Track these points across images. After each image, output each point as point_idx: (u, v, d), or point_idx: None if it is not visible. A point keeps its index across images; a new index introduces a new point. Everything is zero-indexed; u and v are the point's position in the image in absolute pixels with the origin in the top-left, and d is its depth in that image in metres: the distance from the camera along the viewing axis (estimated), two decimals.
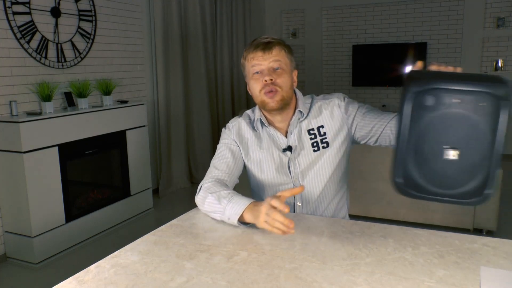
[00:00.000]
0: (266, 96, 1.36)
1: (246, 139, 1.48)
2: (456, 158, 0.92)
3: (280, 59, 1.36)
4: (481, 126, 0.91)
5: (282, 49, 1.38)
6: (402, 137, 0.96)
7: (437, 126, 0.93)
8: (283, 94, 1.36)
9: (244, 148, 1.49)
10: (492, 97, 0.89)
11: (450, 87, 0.91)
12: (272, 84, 1.35)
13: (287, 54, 1.39)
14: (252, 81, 1.39)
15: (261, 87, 1.36)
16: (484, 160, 0.92)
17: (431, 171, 0.95)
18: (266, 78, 1.34)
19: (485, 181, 0.92)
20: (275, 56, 1.35)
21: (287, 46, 1.41)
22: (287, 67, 1.38)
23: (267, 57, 1.35)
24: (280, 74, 1.36)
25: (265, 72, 1.35)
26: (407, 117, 0.95)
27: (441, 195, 0.95)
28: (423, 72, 0.99)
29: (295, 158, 1.43)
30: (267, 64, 1.35)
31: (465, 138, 0.92)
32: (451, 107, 0.92)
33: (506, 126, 0.90)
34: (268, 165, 1.45)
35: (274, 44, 1.36)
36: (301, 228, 1.23)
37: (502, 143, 0.91)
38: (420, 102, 0.94)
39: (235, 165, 1.46)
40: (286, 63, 1.38)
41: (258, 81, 1.37)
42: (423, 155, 0.95)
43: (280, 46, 1.37)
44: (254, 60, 1.36)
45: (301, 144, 1.42)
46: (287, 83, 1.37)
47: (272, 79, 1.34)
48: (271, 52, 1.35)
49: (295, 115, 1.42)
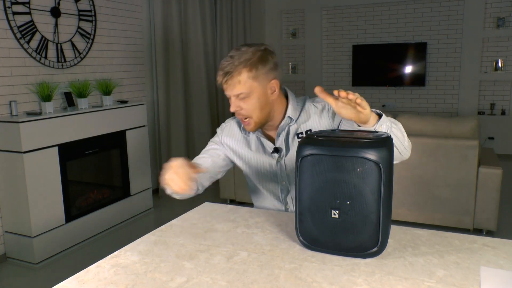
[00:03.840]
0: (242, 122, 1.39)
1: (236, 140, 1.51)
2: (337, 217, 1.02)
3: (240, 87, 1.31)
4: (360, 189, 0.99)
5: (244, 73, 1.30)
6: (300, 197, 1.07)
7: (324, 188, 1.02)
8: (255, 120, 1.36)
9: (234, 148, 1.51)
10: (369, 161, 0.97)
11: (327, 153, 1.01)
12: (240, 114, 1.35)
13: (250, 76, 1.31)
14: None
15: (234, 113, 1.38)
16: (368, 219, 1.00)
17: (324, 228, 1.04)
18: (231, 109, 1.35)
19: (373, 238, 1.00)
20: (235, 84, 1.31)
21: (251, 64, 1.31)
22: (251, 90, 1.32)
23: (227, 87, 1.33)
24: (245, 100, 1.33)
25: (231, 100, 1.35)
26: (301, 180, 1.05)
27: (338, 249, 1.04)
28: (312, 137, 1.06)
29: (283, 160, 1.44)
30: (230, 93, 1.34)
31: (348, 199, 1.00)
32: (332, 171, 1.01)
33: (389, 186, 0.99)
34: (257, 166, 1.48)
35: (233, 71, 1.30)
36: None
37: (388, 203, 1.00)
38: (308, 165, 1.03)
39: (213, 166, 1.50)
40: (251, 87, 1.32)
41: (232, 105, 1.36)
42: (317, 214, 1.05)
43: (239, 71, 1.30)
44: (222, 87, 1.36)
45: (289, 146, 1.43)
46: (255, 107, 1.34)
47: (237, 109, 1.34)
48: (231, 81, 1.31)
49: (285, 120, 1.41)
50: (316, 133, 1.09)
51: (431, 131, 3.27)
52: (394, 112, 5.89)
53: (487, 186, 3.03)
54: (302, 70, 6.62)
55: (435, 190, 3.14)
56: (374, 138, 1.01)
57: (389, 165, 0.98)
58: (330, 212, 1.03)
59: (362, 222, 1.00)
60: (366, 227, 1.00)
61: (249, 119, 1.36)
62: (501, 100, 5.67)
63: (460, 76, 5.77)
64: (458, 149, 3.03)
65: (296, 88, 6.60)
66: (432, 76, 5.93)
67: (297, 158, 1.05)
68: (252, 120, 1.36)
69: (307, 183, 1.04)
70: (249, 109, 1.34)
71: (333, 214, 1.02)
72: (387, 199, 1.00)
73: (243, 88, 1.31)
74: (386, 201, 0.99)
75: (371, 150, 0.97)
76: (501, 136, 5.60)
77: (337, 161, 1.00)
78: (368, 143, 0.99)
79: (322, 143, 1.03)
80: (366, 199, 0.99)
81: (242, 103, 1.33)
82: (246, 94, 1.32)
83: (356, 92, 1.07)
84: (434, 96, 5.97)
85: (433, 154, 3.10)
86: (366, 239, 1.01)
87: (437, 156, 3.09)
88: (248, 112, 1.34)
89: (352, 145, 0.99)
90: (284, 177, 1.45)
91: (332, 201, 1.02)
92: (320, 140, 1.04)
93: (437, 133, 3.24)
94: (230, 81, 1.31)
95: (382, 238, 1.00)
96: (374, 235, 1.00)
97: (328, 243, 1.05)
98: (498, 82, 5.65)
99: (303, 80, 6.59)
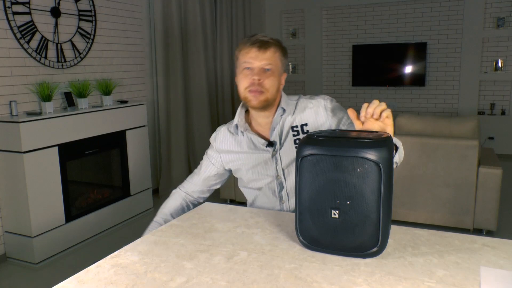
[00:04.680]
0: (250, 94, 1.37)
1: (229, 143, 1.52)
2: (337, 217, 1.02)
3: (272, 62, 1.36)
4: (360, 189, 0.99)
5: (277, 51, 1.38)
6: (300, 197, 1.07)
7: (324, 188, 1.03)
8: (268, 96, 1.37)
9: (229, 151, 1.52)
10: (369, 161, 0.97)
11: (327, 153, 1.01)
12: (259, 85, 1.35)
13: (280, 57, 1.39)
14: (241, 75, 1.40)
15: (248, 84, 1.37)
16: (367, 219, 1.00)
17: (324, 228, 1.04)
18: (255, 77, 1.35)
19: (373, 238, 1.01)
20: (268, 57, 1.35)
21: (283, 48, 1.41)
22: (277, 70, 1.38)
23: (260, 57, 1.35)
24: (269, 75, 1.36)
25: (255, 71, 1.36)
26: (301, 180, 1.05)
27: (338, 249, 1.04)
28: (312, 137, 1.06)
29: (278, 153, 1.44)
30: (259, 64, 1.35)
31: (348, 199, 1.01)
32: (332, 171, 1.01)
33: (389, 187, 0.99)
34: (253, 163, 1.49)
35: (270, 45, 1.36)
36: None
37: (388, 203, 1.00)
38: (308, 166, 1.04)
39: (210, 177, 1.58)
40: (278, 66, 1.38)
41: (246, 77, 1.37)
42: (317, 214, 1.05)
43: (276, 47, 1.38)
44: (247, 56, 1.36)
45: (283, 140, 1.44)
46: (274, 86, 1.38)
47: (260, 80, 1.35)
48: (265, 52, 1.35)
49: (278, 112, 1.43)
50: (316, 133, 1.09)
51: (431, 131, 3.27)
52: (394, 112, 5.89)
53: (487, 186, 3.03)
54: (302, 70, 6.62)
55: (435, 190, 3.14)
56: (374, 138, 1.01)
57: (389, 165, 0.98)
58: (330, 212, 1.03)
59: (362, 222, 1.00)
60: (366, 227, 1.00)
61: (263, 93, 1.36)
62: (501, 100, 5.67)
63: (460, 76, 5.77)
64: (458, 149, 3.03)
65: (296, 88, 6.60)
66: (432, 76, 5.93)
67: (297, 158, 1.05)
68: (265, 95, 1.37)
69: (307, 183, 1.04)
70: (268, 84, 1.36)
71: (333, 214, 1.02)
72: (387, 199, 1.00)
73: (273, 62, 1.36)
74: (386, 201, 0.99)
75: (371, 150, 0.97)
76: (501, 136, 5.60)
77: (337, 161, 1.00)
78: (368, 143, 0.99)
79: (322, 143, 1.03)
80: (366, 199, 0.99)
81: (265, 76, 1.36)
82: (272, 69, 1.36)
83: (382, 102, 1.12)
84: (434, 96, 5.97)
85: (433, 154, 3.10)
86: (366, 239, 1.01)
87: (437, 156, 3.09)
88: (266, 86, 1.36)
89: (352, 145, 0.99)
90: (280, 170, 1.45)
91: (332, 201, 1.02)
92: (320, 140, 1.04)
93: (437, 133, 3.24)
94: (266, 52, 1.35)
95: (382, 238, 1.01)
96: (374, 235, 1.00)
97: (328, 243, 1.05)
98: (498, 82, 5.65)
99: (303, 80, 6.59)
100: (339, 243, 1.03)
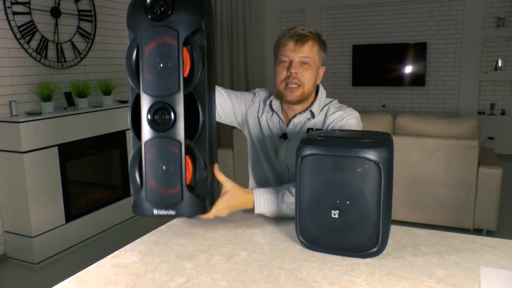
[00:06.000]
0: (285, 89, 1.37)
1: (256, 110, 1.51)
2: (337, 217, 1.02)
3: (309, 56, 1.35)
4: (360, 189, 0.99)
5: (315, 45, 1.37)
6: (300, 197, 1.07)
7: (324, 188, 1.03)
8: (304, 90, 1.37)
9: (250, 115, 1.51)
10: (369, 161, 0.97)
11: (327, 153, 1.01)
12: (296, 78, 1.35)
13: (318, 50, 1.38)
14: (278, 67, 1.39)
15: (284, 77, 1.37)
16: (367, 219, 1.00)
17: (324, 228, 1.05)
18: (292, 70, 1.35)
19: (373, 238, 1.01)
20: (306, 51, 1.35)
21: (322, 41, 1.40)
22: (314, 64, 1.38)
23: (298, 50, 1.35)
24: (306, 69, 1.36)
25: (293, 64, 1.35)
26: (301, 180, 1.05)
27: (338, 249, 1.04)
28: (312, 137, 1.06)
29: (287, 146, 1.44)
30: (296, 57, 1.35)
31: (348, 199, 1.01)
32: (332, 171, 1.01)
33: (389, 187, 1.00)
34: (263, 141, 1.48)
35: (309, 39, 1.36)
36: None
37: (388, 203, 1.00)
38: (308, 165, 1.04)
39: (228, 102, 1.51)
40: (315, 59, 1.37)
41: (283, 70, 1.37)
42: (317, 214, 1.05)
43: (314, 41, 1.36)
44: (285, 49, 1.36)
45: (296, 136, 1.43)
46: (311, 80, 1.38)
47: (297, 73, 1.35)
48: (303, 46, 1.35)
49: (306, 113, 1.42)
50: (316, 133, 1.10)
51: (431, 131, 3.27)
52: (394, 112, 5.90)
53: (487, 186, 3.03)
54: None
55: (435, 190, 3.14)
56: (374, 138, 1.01)
57: (389, 165, 0.99)
58: (330, 212, 1.03)
59: (362, 222, 1.00)
60: (366, 227, 1.00)
61: (299, 87, 1.36)
62: (501, 100, 5.67)
63: (460, 76, 5.77)
64: (458, 149, 3.03)
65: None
66: (432, 76, 5.93)
67: (297, 158, 1.05)
68: (301, 89, 1.36)
69: (307, 183, 1.04)
70: (305, 77, 1.36)
71: (333, 214, 1.02)
72: (387, 199, 1.00)
73: (311, 55, 1.36)
74: (386, 201, 0.99)
75: (371, 150, 0.97)
76: (501, 136, 5.60)
77: (337, 161, 1.00)
78: (368, 143, 0.99)
79: (322, 143, 1.03)
80: (366, 199, 0.99)
81: (302, 69, 1.36)
82: (309, 63, 1.36)
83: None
84: (434, 96, 5.97)
85: (433, 154, 3.10)
86: (366, 239, 1.01)
87: (437, 156, 3.09)
88: (303, 80, 1.36)
89: (352, 145, 0.99)
90: (283, 159, 1.44)
91: (332, 201, 1.02)
92: (320, 140, 1.04)
93: (437, 133, 3.24)
94: (304, 46, 1.35)
95: (382, 238, 1.01)
96: (374, 235, 1.00)
97: (328, 243, 1.05)
98: (498, 82, 5.65)
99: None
100: (339, 243, 1.03)
